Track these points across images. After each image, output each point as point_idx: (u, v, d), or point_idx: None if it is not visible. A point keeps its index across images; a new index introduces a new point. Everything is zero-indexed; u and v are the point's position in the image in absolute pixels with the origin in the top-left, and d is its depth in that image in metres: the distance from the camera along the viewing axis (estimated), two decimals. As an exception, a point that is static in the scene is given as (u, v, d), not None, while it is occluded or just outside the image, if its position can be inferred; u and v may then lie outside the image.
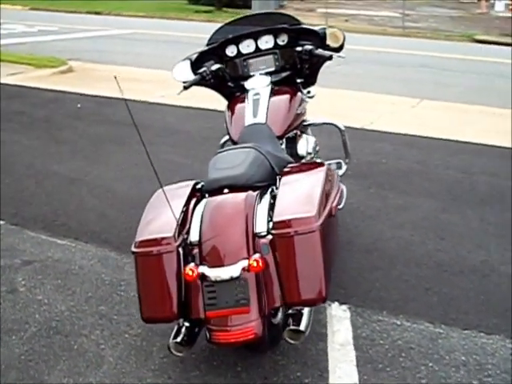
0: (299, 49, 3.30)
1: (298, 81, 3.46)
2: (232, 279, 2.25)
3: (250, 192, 2.48)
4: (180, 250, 2.36)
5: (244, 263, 2.24)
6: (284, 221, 2.28)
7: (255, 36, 3.46)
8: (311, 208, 2.32)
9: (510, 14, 30.00)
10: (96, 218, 4.02)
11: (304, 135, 3.37)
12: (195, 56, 3.47)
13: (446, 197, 4.37)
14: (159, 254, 2.35)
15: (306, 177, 2.57)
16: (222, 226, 2.38)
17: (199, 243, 2.38)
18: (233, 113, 3.30)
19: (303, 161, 3.23)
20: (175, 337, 2.35)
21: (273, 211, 2.38)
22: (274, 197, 2.49)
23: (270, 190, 2.57)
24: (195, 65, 3.43)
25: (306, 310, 2.36)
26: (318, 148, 3.43)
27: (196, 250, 2.38)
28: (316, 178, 2.52)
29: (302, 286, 2.27)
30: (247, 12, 5.96)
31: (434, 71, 10.22)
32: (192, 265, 2.29)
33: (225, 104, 3.46)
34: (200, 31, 14.57)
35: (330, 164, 3.32)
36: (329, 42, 3.34)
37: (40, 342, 2.75)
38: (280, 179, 2.58)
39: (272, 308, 2.33)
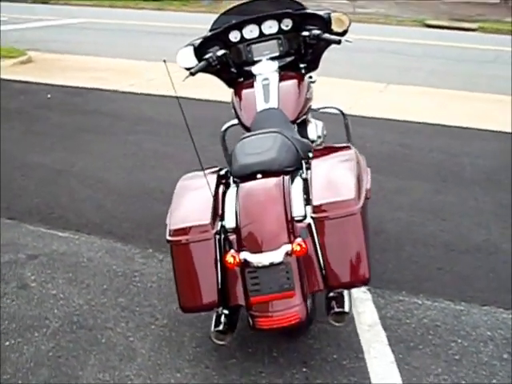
0: (306, 33, 3.29)
1: (301, 66, 3.46)
2: (275, 264, 2.25)
3: (284, 176, 2.47)
4: (217, 236, 2.34)
5: (287, 247, 2.24)
6: (325, 204, 2.29)
7: (259, 21, 3.42)
8: (350, 191, 2.33)
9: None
10: (93, 209, 3.93)
11: (312, 120, 3.38)
12: (198, 42, 3.42)
13: (436, 178, 4.46)
14: (197, 242, 2.33)
15: (337, 160, 2.58)
16: (260, 211, 2.37)
17: (237, 229, 2.36)
18: (242, 98, 3.26)
19: (314, 145, 3.23)
20: (216, 326, 2.33)
21: (308, 195, 2.38)
22: (305, 181, 2.48)
23: (298, 174, 2.56)
24: (198, 51, 3.38)
25: (345, 292, 2.38)
26: (325, 132, 3.44)
27: (233, 237, 2.37)
28: (349, 161, 2.53)
29: (347, 268, 2.29)
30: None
31: (392, 56, 10.36)
32: (233, 251, 2.27)
33: (230, 91, 3.42)
34: (150, 19, 14.48)
35: None
36: (334, 26, 3.33)
37: (65, 337, 2.68)
38: (309, 163, 2.57)
39: (313, 292, 2.35)
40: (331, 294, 2.36)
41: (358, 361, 2.52)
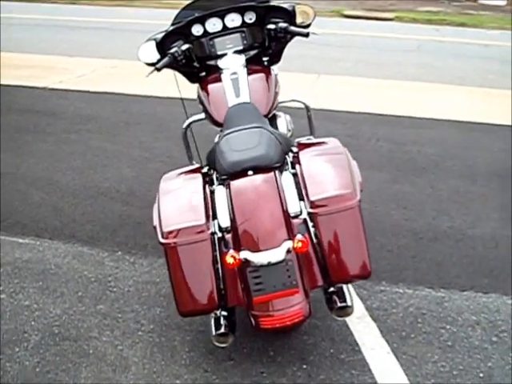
0: (272, 26, 3.26)
1: (264, 59, 3.42)
2: (277, 262, 2.20)
3: (276, 172, 2.43)
4: (213, 237, 2.28)
5: (288, 244, 2.20)
6: (323, 199, 2.27)
7: (222, 14, 3.36)
8: (347, 184, 2.34)
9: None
10: (50, 213, 3.74)
11: (281, 113, 3.35)
12: (160, 36, 3.32)
13: (390, 168, 4.54)
14: (193, 243, 2.25)
15: (327, 154, 2.56)
16: (257, 208, 2.31)
17: (232, 228, 2.30)
18: (210, 94, 3.19)
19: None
20: (217, 329, 2.27)
21: (300, 190, 2.36)
22: (294, 175, 2.45)
23: (285, 169, 2.52)
24: (161, 46, 3.29)
25: (344, 286, 2.37)
26: (292, 125, 3.42)
27: (228, 236, 2.31)
28: (338, 154, 2.52)
29: (349, 262, 2.28)
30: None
31: (317, 47, 10.44)
32: (232, 251, 2.21)
33: (193, 86, 3.34)
34: (76, 14, 13.94)
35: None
36: (299, 18, 3.33)
37: (50, 350, 2.53)
38: (295, 157, 2.55)
39: (314, 288, 2.33)
40: (331, 289, 2.35)
41: (356, 353, 2.53)
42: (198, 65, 3.33)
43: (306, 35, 3.19)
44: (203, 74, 3.37)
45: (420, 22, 14.12)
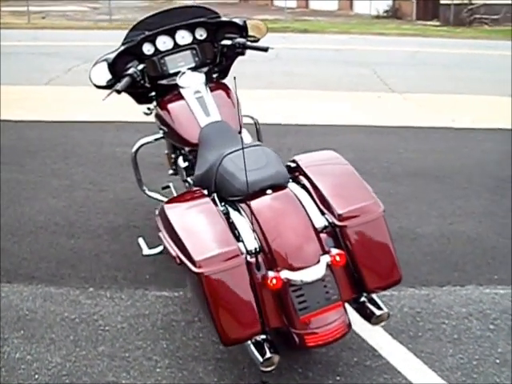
0: (228, 42, 3.27)
1: (214, 75, 3.41)
2: (319, 278, 2.21)
3: (293, 189, 2.44)
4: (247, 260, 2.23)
5: (326, 259, 2.22)
6: (350, 211, 2.32)
7: (171, 32, 3.30)
8: (369, 194, 2.40)
9: (190, 2, 32.22)
10: (-8, 254, 3.42)
11: (243, 129, 3.34)
12: (112, 57, 3.19)
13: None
14: (230, 269, 2.18)
15: (335, 166, 2.60)
16: (286, 227, 2.31)
17: (264, 249, 2.27)
18: (176, 114, 3.12)
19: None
20: (262, 355, 2.20)
21: (321, 205, 2.38)
22: (307, 190, 2.47)
23: (296, 185, 2.52)
24: (112, 67, 3.17)
25: (374, 294, 2.42)
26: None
27: (260, 258, 2.26)
28: (346, 165, 2.58)
29: (383, 270, 2.35)
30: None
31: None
32: (272, 273, 2.18)
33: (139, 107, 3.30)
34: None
35: None
36: (252, 33, 3.37)
37: (71, 403, 2.32)
38: (300, 173, 2.56)
39: (348, 300, 2.35)
40: (362, 299, 2.39)
41: (379, 358, 2.59)
42: (149, 85, 3.25)
43: (266, 50, 3.24)
44: (153, 93, 3.31)
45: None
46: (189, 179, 3.17)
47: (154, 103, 3.36)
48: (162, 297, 3.03)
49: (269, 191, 2.39)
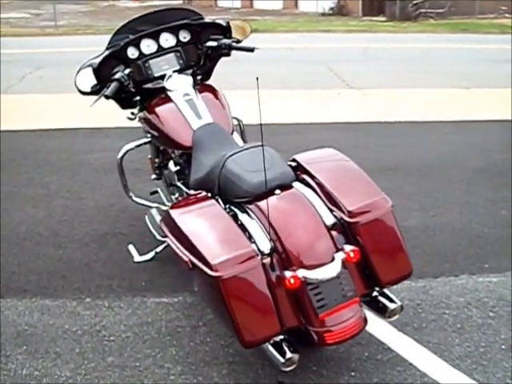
0: (213, 43, 3.26)
1: (198, 77, 3.40)
2: (336, 276, 2.22)
3: (300, 188, 2.45)
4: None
5: (341, 256, 2.24)
6: (361, 207, 2.34)
7: (155, 35, 3.27)
8: (376, 191, 2.43)
9: (136, 4, 31.91)
10: (-19, 269, 3.31)
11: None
12: (97, 62, 3.13)
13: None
14: (247, 271, 2.17)
15: (338, 163, 2.61)
16: (299, 226, 2.32)
17: (278, 249, 2.27)
18: (166, 118, 3.09)
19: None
20: (282, 355, 2.20)
21: (328, 202, 2.39)
22: (312, 188, 2.48)
23: (300, 184, 2.53)
24: (97, 72, 3.12)
25: (385, 289, 2.45)
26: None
27: (275, 258, 2.26)
28: (348, 161, 2.60)
29: (395, 264, 2.39)
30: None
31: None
32: (290, 273, 2.19)
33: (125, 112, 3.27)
34: None
35: None
36: (235, 34, 3.37)
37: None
38: (303, 171, 2.56)
39: (362, 295, 2.37)
40: (375, 294, 2.42)
41: (389, 352, 2.62)
42: (134, 89, 3.22)
43: (252, 50, 3.25)
44: (137, 98, 3.28)
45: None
46: (178, 184, 3.15)
47: (138, 108, 3.32)
48: (162, 303, 2.99)
49: (277, 191, 2.39)
